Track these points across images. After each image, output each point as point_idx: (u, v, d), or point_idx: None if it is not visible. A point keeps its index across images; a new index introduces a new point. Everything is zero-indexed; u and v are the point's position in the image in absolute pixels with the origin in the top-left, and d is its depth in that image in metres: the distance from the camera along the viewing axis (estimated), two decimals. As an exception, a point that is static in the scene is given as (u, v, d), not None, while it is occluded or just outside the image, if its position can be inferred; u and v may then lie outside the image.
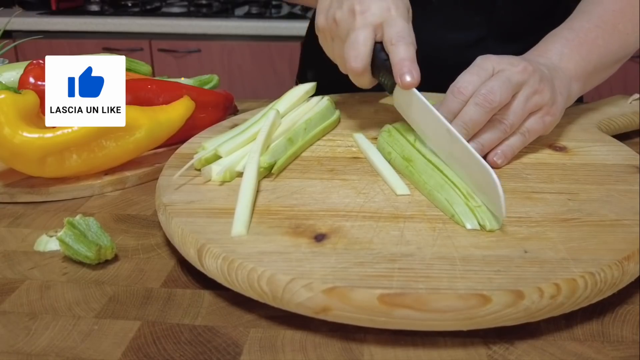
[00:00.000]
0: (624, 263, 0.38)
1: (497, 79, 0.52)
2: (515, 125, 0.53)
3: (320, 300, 0.35)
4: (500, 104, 0.51)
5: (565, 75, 0.58)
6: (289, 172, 0.52)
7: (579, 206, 0.45)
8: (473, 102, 0.51)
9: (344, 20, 0.55)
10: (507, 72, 0.53)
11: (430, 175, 0.48)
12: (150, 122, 0.56)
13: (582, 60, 0.60)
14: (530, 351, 0.35)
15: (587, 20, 0.62)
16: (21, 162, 0.52)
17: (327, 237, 0.41)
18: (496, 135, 0.53)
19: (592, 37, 0.61)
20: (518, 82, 0.52)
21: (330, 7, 0.57)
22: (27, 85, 0.57)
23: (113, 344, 0.36)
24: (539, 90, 0.54)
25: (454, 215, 0.43)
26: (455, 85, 0.53)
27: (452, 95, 0.53)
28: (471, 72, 0.53)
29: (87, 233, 0.44)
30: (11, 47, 0.79)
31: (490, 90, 0.51)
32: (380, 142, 0.56)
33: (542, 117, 0.55)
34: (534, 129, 0.55)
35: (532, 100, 0.54)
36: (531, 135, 0.55)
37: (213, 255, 0.39)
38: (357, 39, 0.53)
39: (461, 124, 0.51)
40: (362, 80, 0.56)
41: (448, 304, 0.34)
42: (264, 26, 1.97)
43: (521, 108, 0.53)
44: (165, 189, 0.48)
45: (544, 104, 0.54)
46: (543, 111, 0.55)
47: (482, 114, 0.51)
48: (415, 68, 0.51)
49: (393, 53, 0.52)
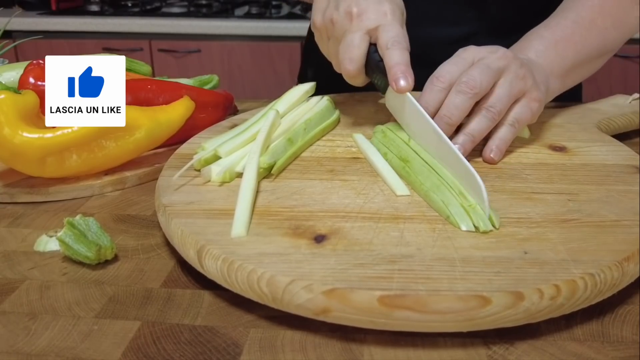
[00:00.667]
0: (624, 264, 0.38)
1: (477, 66, 0.52)
2: (502, 111, 0.53)
3: (320, 301, 0.35)
4: (481, 89, 0.51)
5: (542, 70, 0.59)
6: (288, 172, 0.52)
7: (579, 207, 0.45)
8: (455, 90, 0.52)
9: (340, 21, 0.55)
10: (486, 60, 0.53)
11: (427, 176, 0.48)
12: (150, 122, 0.56)
13: (558, 56, 0.60)
14: (530, 351, 0.35)
15: (565, 17, 0.63)
16: (21, 162, 0.52)
17: (327, 238, 0.41)
18: (485, 125, 0.53)
19: (569, 33, 0.61)
20: (499, 67, 0.53)
21: (327, 7, 0.57)
22: (27, 85, 0.57)
23: (113, 344, 0.36)
24: (520, 75, 0.54)
25: (450, 217, 0.43)
26: (433, 75, 0.53)
27: (430, 83, 0.53)
28: (450, 62, 0.54)
29: (87, 233, 0.44)
30: (11, 47, 0.79)
31: (471, 77, 0.51)
32: (374, 143, 0.56)
33: (527, 103, 0.55)
34: (522, 118, 0.55)
35: (515, 85, 0.53)
36: (520, 124, 0.55)
37: (213, 257, 0.39)
38: (352, 41, 0.54)
39: (446, 113, 0.52)
40: (355, 80, 0.58)
41: (448, 305, 0.34)
42: (264, 26, 1.97)
43: (506, 94, 0.53)
44: (164, 189, 0.48)
45: (527, 90, 0.54)
46: (527, 97, 0.55)
47: (464, 100, 0.51)
48: (409, 73, 0.52)
49: (388, 57, 0.52)
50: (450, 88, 0.53)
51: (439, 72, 0.53)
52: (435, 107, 0.53)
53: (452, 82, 0.52)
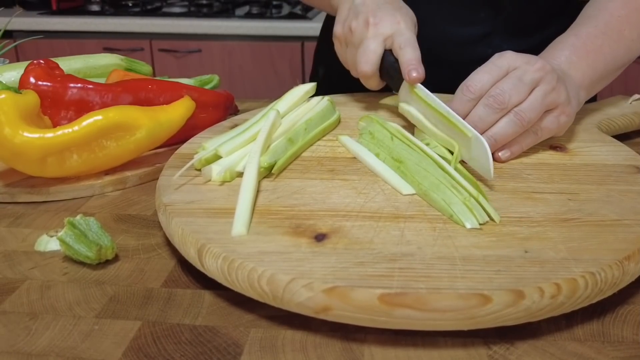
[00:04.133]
0: (625, 263, 0.38)
1: (509, 79, 0.52)
2: (532, 121, 0.53)
3: (321, 300, 0.35)
4: (509, 104, 0.51)
5: (573, 82, 0.58)
6: (289, 172, 0.52)
7: (580, 206, 0.45)
8: (482, 103, 0.52)
9: (358, 29, 0.61)
10: (520, 71, 0.53)
11: (424, 176, 0.47)
12: (151, 122, 0.56)
13: (589, 68, 0.60)
14: (531, 351, 0.35)
15: (594, 26, 0.62)
16: (22, 162, 0.52)
17: (327, 237, 0.41)
18: (511, 129, 0.52)
19: (599, 44, 0.61)
20: (533, 79, 0.52)
21: (347, 17, 0.63)
22: (28, 85, 0.57)
23: (113, 344, 0.36)
24: (556, 89, 0.53)
25: (453, 215, 0.43)
26: (464, 83, 0.54)
27: (461, 92, 0.53)
28: (483, 69, 0.54)
29: (87, 233, 0.44)
30: (12, 47, 0.79)
31: (500, 91, 0.51)
32: (363, 144, 0.56)
33: (557, 116, 0.54)
34: (548, 128, 0.55)
35: (549, 97, 0.53)
36: (544, 134, 0.55)
37: (213, 255, 0.39)
38: (368, 46, 0.60)
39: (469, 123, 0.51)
40: (371, 82, 0.62)
41: (448, 303, 0.34)
42: (265, 26, 1.97)
43: (539, 103, 0.52)
44: (165, 189, 0.48)
45: (560, 103, 0.54)
46: (559, 110, 0.54)
47: (489, 113, 0.52)
48: (421, 66, 0.56)
49: (402, 55, 0.58)
50: (479, 99, 0.53)
51: (469, 81, 0.53)
52: (462, 116, 0.53)
53: (482, 92, 0.53)
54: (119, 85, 0.60)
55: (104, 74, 0.71)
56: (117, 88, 0.60)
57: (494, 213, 0.43)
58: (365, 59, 0.59)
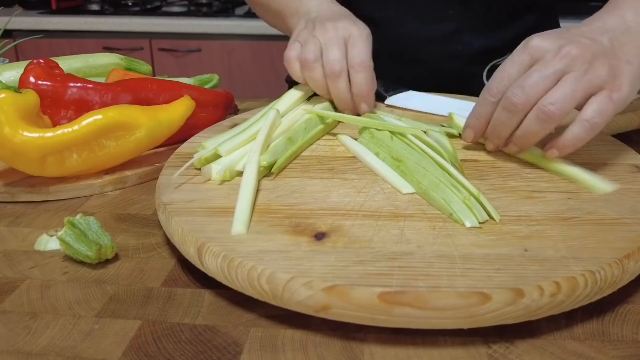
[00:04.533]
0: (624, 261, 0.38)
1: (529, 75, 0.47)
2: (560, 115, 0.46)
3: (321, 298, 0.35)
4: (528, 104, 0.47)
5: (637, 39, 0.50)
6: (289, 171, 0.52)
7: (579, 205, 0.45)
8: (501, 106, 0.49)
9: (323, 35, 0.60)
10: (542, 62, 0.48)
11: (424, 174, 0.47)
12: (151, 122, 0.56)
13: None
14: (531, 350, 0.35)
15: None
16: (21, 161, 0.52)
17: (327, 235, 0.41)
18: (534, 128, 0.48)
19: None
20: (556, 71, 0.47)
21: (305, 29, 0.63)
22: (28, 84, 0.57)
23: (113, 343, 0.36)
24: (590, 69, 0.47)
25: (452, 214, 0.43)
26: (488, 84, 0.50)
27: (482, 94, 0.51)
28: (505, 66, 0.49)
29: (87, 232, 0.44)
30: (11, 46, 0.79)
31: (516, 91, 0.47)
32: (363, 143, 0.56)
33: (608, 95, 0.47)
34: (600, 110, 0.47)
35: (581, 83, 0.47)
36: (598, 120, 0.47)
37: (213, 254, 0.39)
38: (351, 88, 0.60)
39: (493, 130, 0.50)
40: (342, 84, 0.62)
41: (448, 302, 0.34)
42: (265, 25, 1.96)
43: (568, 94, 0.46)
44: (165, 188, 0.48)
45: (602, 82, 0.47)
46: (607, 90, 0.47)
47: (509, 117, 0.48)
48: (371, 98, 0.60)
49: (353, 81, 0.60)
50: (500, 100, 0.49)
51: (491, 82, 0.50)
52: (486, 120, 0.51)
53: (504, 92, 0.49)
54: (118, 84, 0.60)
55: (103, 74, 0.71)
56: (117, 87, 0.60)
57: (493, 212, 0.43)
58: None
